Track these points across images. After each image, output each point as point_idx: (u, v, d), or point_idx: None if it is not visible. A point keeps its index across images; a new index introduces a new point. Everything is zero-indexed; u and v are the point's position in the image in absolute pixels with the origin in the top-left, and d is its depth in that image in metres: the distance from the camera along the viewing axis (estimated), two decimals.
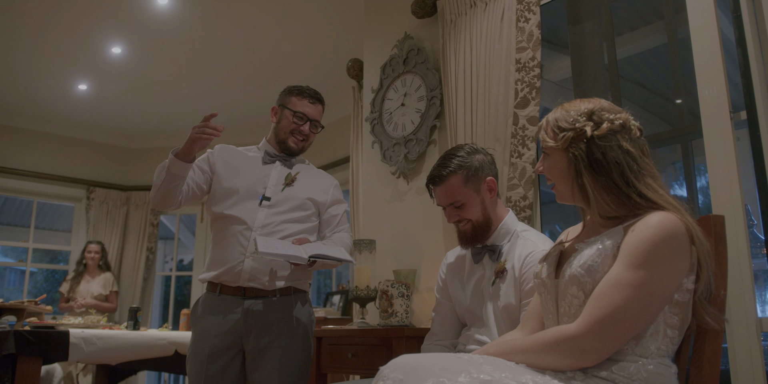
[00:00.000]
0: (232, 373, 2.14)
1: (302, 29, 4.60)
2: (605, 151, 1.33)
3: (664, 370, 1.23)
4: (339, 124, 5.47)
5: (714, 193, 2.05)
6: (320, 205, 2.34)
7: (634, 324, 1.20)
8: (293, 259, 1.99)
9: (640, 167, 1.33)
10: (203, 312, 2.20)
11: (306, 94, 2.32)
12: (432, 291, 2.95)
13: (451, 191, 1.96)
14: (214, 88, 5.64)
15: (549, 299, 1.39)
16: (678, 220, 1.24)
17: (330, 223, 2.36)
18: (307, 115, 2.31)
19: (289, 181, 2.29)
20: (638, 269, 1.20)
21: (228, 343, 2.14)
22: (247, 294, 2.17)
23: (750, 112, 2.03)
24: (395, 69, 3.40)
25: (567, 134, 1.36)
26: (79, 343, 3.21)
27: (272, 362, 2.12)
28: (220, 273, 2.17)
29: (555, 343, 1.23)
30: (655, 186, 1.33)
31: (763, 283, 2.28)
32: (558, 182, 1.42)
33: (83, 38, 4.73)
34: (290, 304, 2.22)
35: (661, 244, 1.21)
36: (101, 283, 5.55)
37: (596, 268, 1.26)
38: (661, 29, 2.94)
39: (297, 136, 2.31)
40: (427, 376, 1.10)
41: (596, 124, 1.35)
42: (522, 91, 2.64)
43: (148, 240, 6.49)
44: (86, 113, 6.20)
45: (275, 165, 2.33)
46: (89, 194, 6.48)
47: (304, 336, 2.23)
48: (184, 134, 2.15)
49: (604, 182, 1.32)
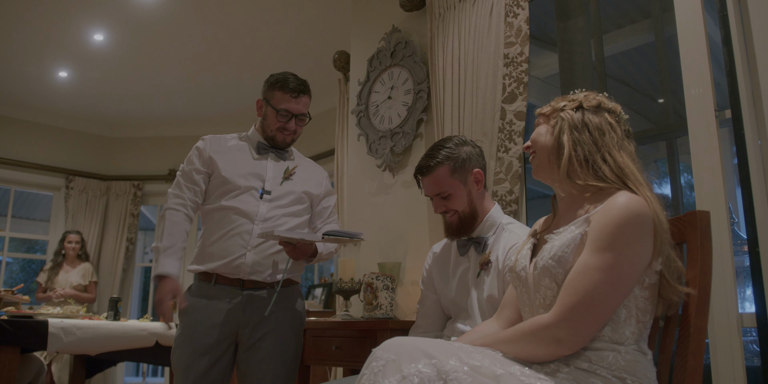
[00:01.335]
0: (221, 366, 2.11)
1: (288, 20, 4.57)
2: (592, 117, 1.40)
3: (640, 357, 1.25)
4: (324, 117, 5.44)
5: (698, 190, 2.08)
6: (314, 198, 2.34)
7: (606, 308, 1.22)
8: (308, 237, 2.00)
9: (620, 140, 1.38)
10: (198, 301, 2.13)
11: (288, 88, 2.22)
12: (417, 284, 2.96)
13: (438, 182, 1.98)
14: (198, 78, 5.58)
15: (524, 292, 1.41)
16: (642, 202, 1.26)
17: (321, 214, 2.35)
18: (291, 111, 2.24)
19: (287, 175, 2.28)
20: (604, 252, 1.22)
21: (223, 335, 2.10)
22: (245, 285, 2.14)
23: (734, 111, 2.06)
24: (382, 62, 3.39)
25: (560, 103, 1.45)
26: (59, 332, 3.17)
27: (265, 352, 2.11)
28: (217, 266, 2.13)
29: (531, 333, 1.25)
30: (630, 164, 1.36)
31: (743, 280, 2.32)
32: (539, 149, 1.45)
33: (65, 25, 4.65)
34: (289, 295, 2.22)
35: (626, 226, 1.23)
36: (80, 273, 5.48)
37: (566, 258, 1.29)
38: (646, 28, 2.97)
39: (284, 133, 2.27)
40: (419, 357, 1.12)
41: (590, 100, 1.43)
42: (510, 86, 2.65)
43: (128, 230, 6.43)
44: (67, 101, 6.10)
45: (270, 157, 2.30)
46: (68, 183, 6.39)
47: (298, 328, 2.24)
48: (165, 124, 2.15)
49: (583, 142, 1.37)
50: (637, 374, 1.22)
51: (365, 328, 2.50)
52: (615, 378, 1.20)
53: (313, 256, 2.20)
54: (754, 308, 1.90)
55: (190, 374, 2.06)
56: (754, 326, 1.96)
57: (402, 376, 1.10)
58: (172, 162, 6.58)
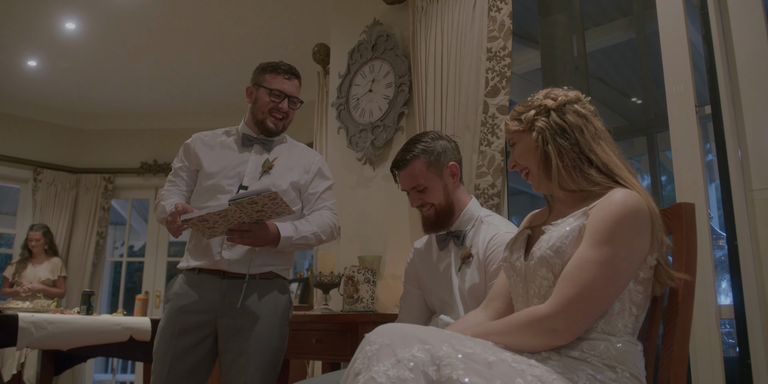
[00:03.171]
0: (201, 351, 2.09)
1: (267, 12, 4.51)
2: (565, 116, 1.40)
3: (631, 348, 1.27)
4: (302, 109, 5.37)
5: (678, 184, 2.12)
6: (302, 187, 2.27)
7: (602, 301, 1.24)
8: (214, 209, 1.93)
9: (596, 130, 1.40)
10: (180, 288, 2.14)
11: (281, 70, 2.23)
12: (397, 278, 2.96)
13: (413, 175, 1.99)
14: (173, 69, 5.48)
15: (518, 282, 1.41)
16: (639, 197, 1.29)
17: (309, 200, 2.27)
18: (284, 91, 2.22)
19: (266, 169, 2.21)
20: (603, 246, 1.24)
21: (202, 321, 2.09)
22: (227, 275, 2.12)
23: (714, 107, 2.10)
24: (363, 55, 3.37)
25: (529, 114, 1.43)
26: (29, 327, 3.09)
27: (244, 345, 2.06)
28: (199, 264, 2.14)
29: (527, 324, 1.26)
30: (614, 158, 1.38)
31: (718, 273, 2.37)
32: (530, 164, 1.45)
33: (35, 12, 4.52)
34: (269, 288, 2.16)
35: (624, 221, 1.25)
36: (49, 267, 5.35)
37: (564, 250, 1.30)
38: (624, 26, 3.01)
39: (275, 115, 2.23)
40: (413, 342, 1.12)
41: (552, 99, 1.43)
42: (492, 80, 2.66)
43: (98, 224, 6.29)
44: (35, 91, 5.94)
45: (253, 150, 2.25)
46: (36, 176, 6.24)
47: (280, 322, 2.16)
48: (138, 116, 2.11)
49: (568, 148, 1.37)
50: (627, 364, 1.24)
51: (347, 321, 2.48)
52: (605, 366, 1.22)
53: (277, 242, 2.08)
54: (728, 300, 1.94)
55: (167, 357, 2.05)
56: (730, 318, 2.00)
57: (396, 360, 1.09)
58: (144, 155, 6.46)
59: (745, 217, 2.00)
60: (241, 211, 1.95)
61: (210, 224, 1.98)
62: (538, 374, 1.14)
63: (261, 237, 2.03)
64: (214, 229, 2.01)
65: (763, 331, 1.91)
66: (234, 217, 1.97)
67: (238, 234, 2.00)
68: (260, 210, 1.97)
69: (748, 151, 2.03)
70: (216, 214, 1.93)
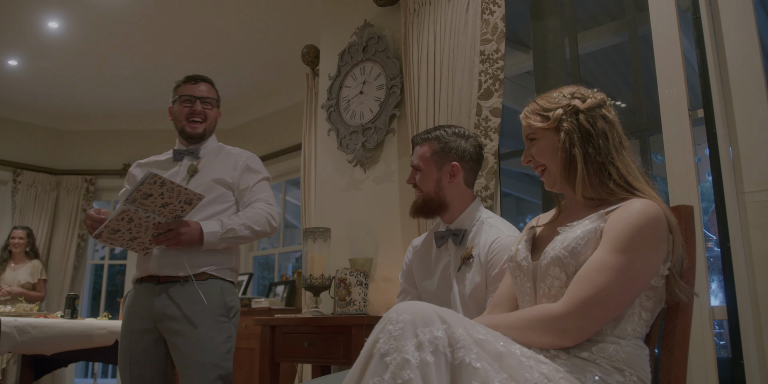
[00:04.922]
0: (156, 353, 2.19)
1: (254, 13, 4.48)
2: (594, 121, 1.40)
3: (639, 352, 1.28)
4: (290, 111, 5.35)
5: (671, 186, 2.14)
6: (232, 185, 2.30)
7: (615, 306, 1.25)
8: (114, 214, 1.97)
9: (621, 138, 1.41)
10: (128, 300, 2.27)
11: (187, 78, 2.39)
12: (388, 280, 2.94)
13: (418, 154, 2.06)
14: (157, 70, 5.41)
15: (526, 281, 1.41)
16: (658, 208, 1.30)
17: (242, 197, 2.30)
18: (192, 94, 2.35)
19: (191, 172, 2.29)
20: (622, 254, 1.25)
21: (146, 328, 2.18)
22: (161, 280, 2.19)
23: (707, 110, 2.12)
24: (354, 56, 3.36)
25: (557, 112, 1.42)
26: (11, 331, 3.02)
27: (186, 344, 2.10)
28: (139, 273, 2.26)
29: (539, 321, 1.26)
30: (634, 170, 1.39)
31: (708, 275, 2.39)
32: (549, 163, 1.44)
33: (17, 10, 4.44)
34: (204, 290, 2.15)
35: (644, 230, 1.26)
36: (29, 270, 5.26)
37: (580, 251, 1.30)
38: (614, 29, 3.03)
39: (192, 119, 2.33)
40: (432, 320, 1.12)
41: (581, 100, 1.42)
42: (486, 82, 2.67)
43: (79, 227, 6.19)
44: (16, 91, 5.84)
45: (183, 161, 2.34)
46: (16, 177, 6.13)
47: (217, 318, 2.16)
48: (121, 118, 2.12)
49: (593, 155, 1.37)
50: (635, 367, 1.24)
51: (340, 324, 2.47)
52: (614, 369, 1.22)
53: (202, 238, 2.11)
54: (717, 301, 1.96)
55: (125, 362, 2.19)
56: (723, 319, 2.02)
57: (418, 341, 1.08)
58: (127, 156, 6.37)
59: (737, 220, 2.02)
60: (144, 209, 1.98)
61: (128, 235, 2.03)
62: (545, 372, 1.14)
63: (184, 234, 2.07)
64: (139, 240, 2.07)
65: (755, 332, 1.93)
66: (144, 220, 2.00)
67: (162, 237, 2.06)
68: (165, 203, 2.00)
69: (740, 154, 2.06)
70: (119, 219, 1.94)
